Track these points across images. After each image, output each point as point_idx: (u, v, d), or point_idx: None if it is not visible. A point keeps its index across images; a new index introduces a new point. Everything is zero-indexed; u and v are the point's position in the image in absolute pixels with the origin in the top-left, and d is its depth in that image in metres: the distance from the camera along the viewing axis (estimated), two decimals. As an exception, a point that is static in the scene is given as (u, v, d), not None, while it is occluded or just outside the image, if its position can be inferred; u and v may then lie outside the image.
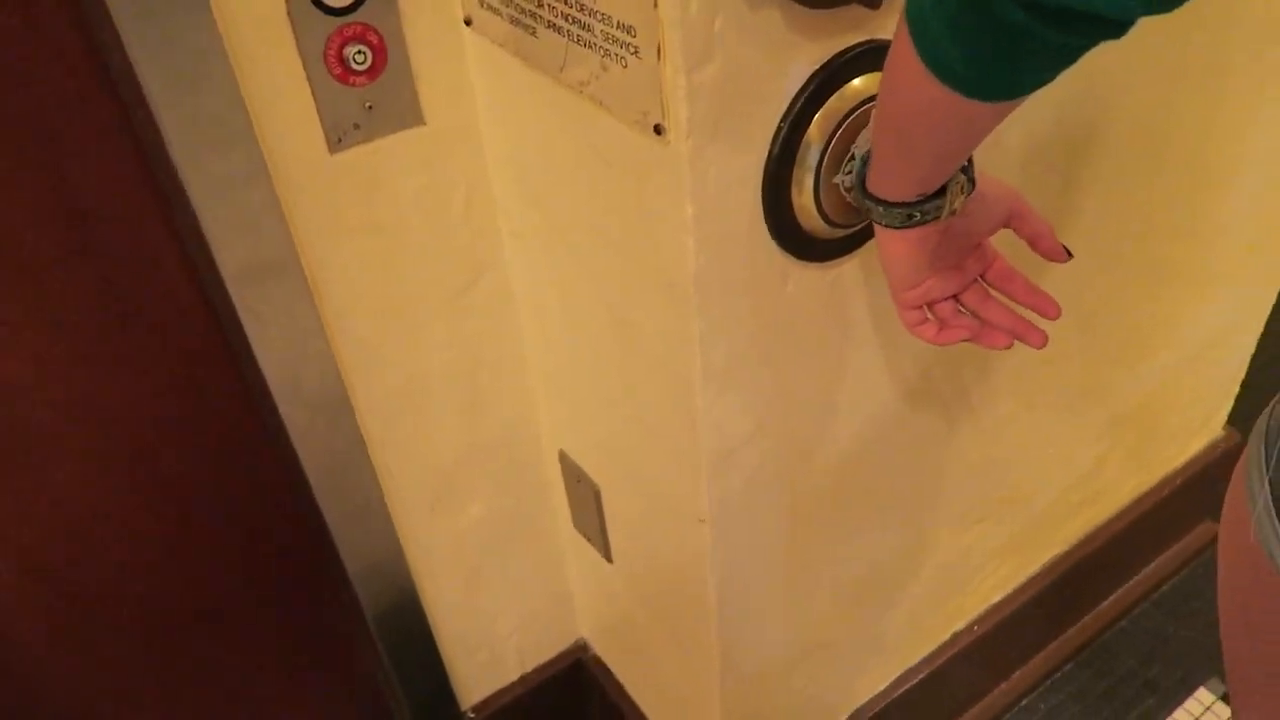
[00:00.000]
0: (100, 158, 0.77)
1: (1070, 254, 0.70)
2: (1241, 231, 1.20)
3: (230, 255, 0.80)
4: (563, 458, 1.08)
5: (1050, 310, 0.71)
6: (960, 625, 1.30)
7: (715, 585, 0.91)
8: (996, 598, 1.33)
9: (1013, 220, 0.70)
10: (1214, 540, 1.64)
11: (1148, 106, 0.94)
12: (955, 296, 0.71)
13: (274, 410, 0.90)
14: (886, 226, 0.65)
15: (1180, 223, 1.11)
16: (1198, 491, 1.55)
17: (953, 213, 0.63)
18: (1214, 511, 1.67)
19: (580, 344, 0.91)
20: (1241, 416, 1.54)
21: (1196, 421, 1.47)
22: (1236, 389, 1.50)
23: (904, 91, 0.53)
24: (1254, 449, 0.61)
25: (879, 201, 0.63)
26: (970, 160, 0.63)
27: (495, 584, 1.19)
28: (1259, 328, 1.41)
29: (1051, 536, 1.36)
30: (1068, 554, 1.39)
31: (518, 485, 1.12)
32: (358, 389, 0.94)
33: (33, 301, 0.80)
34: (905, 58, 0.50)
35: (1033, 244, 0.71)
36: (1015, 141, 0.84)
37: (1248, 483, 0.61)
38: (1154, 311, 1.19)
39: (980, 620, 1.31)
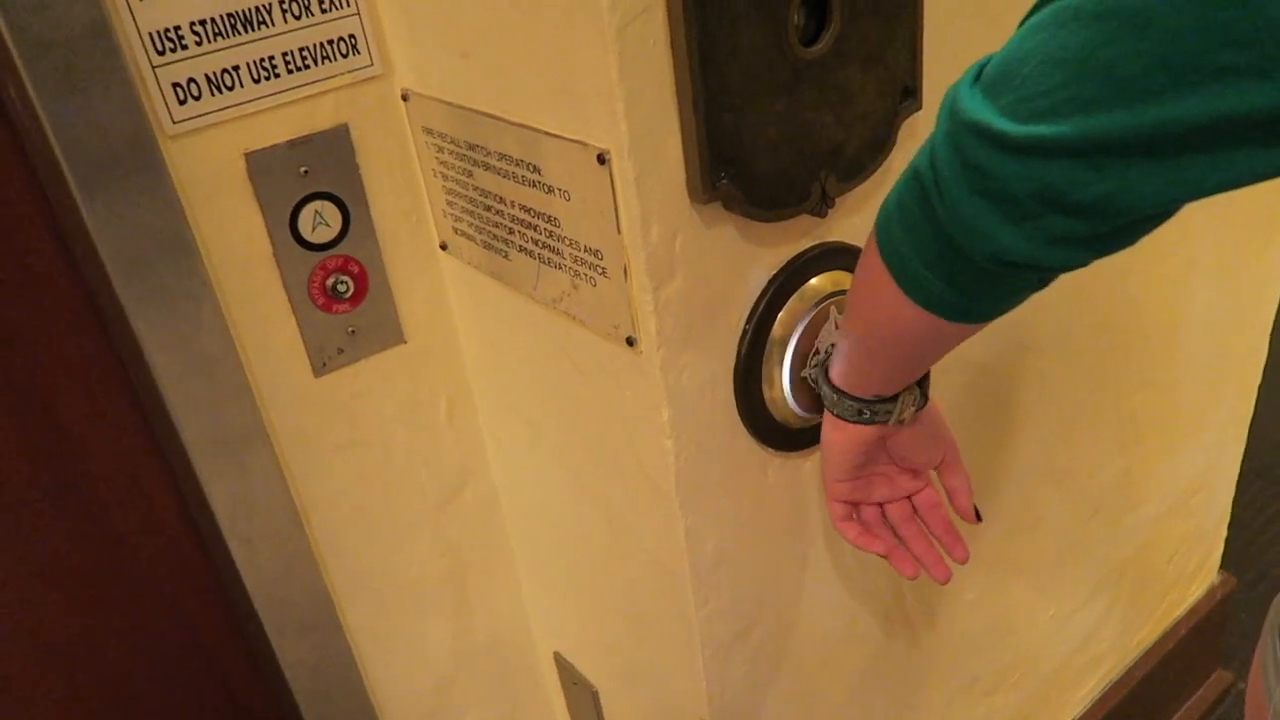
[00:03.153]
0: (89, 395, 0.79)
1: (980, 518, 0.73)
2: (1198, 376, 1.24)
3: (220, 486, 0.81)
4: (558, 659, 1.05)
5: (958, 554, 0.73)
6: (984, 806, 1.24)
7: (724, 787, 0.88)
8: (1017, 772, 1.28)
9: (942, 466, 0.73)
10: (1228, 690, 1.60)
11: (1088, 271, 0.99)
12: (882, 507, 0.73)
13: (263, 638, 0.88)
14: (838, 416, 0.67)
15: (1140, 374, 1.15)
16: (1205, 639, 1.53)
17: (900, 421, 0.66)
18: (1223, 659, 1.64)
19: (570, 543, 0.92)
20: (1232, 559, 1.54)
21: (1191, 568, 1.47)
22: (1225, 531, 1.50)
23: (878, 307, 0.56)
24: (1268, 644, 0.61)
25: (837, 390, 0.66)
26: (927, 377, 0.67)
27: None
28: (1235, 469, 1.44)
29: (1065, 700, 1.32)
30: (1085, 718, 1.35)
31: (511, 693, 1.09)
32: (346, 608, 0.93)
33: (15, 539, 0.80)
34: (879, 279, 0.54)
35: (950, 496, 0.73)
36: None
37: (1265, 679, 0.61)
38: (1128, 466, 1.21)
39: (1004, 798, 1.26)
